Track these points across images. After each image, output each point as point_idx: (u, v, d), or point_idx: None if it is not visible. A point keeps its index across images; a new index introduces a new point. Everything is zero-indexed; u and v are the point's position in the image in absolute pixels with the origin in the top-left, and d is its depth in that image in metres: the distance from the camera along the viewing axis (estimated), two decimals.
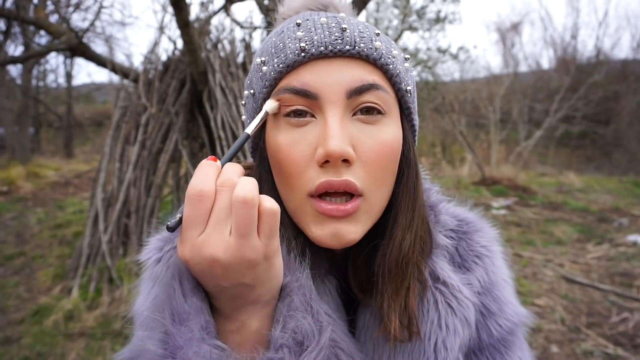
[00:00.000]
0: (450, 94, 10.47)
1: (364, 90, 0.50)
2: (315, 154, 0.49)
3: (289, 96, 0.50)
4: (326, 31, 0.50)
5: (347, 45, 0.50)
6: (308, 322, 0.44)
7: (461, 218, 0.66)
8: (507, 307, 0.63)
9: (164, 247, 0.59)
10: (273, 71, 0.52)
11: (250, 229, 0.40)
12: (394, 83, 0.54)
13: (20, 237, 4.99)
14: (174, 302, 0.44)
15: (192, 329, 0.42)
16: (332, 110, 0.49)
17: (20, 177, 7.77)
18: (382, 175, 0.51)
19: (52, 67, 18.91)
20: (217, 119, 3.70)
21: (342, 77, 0.49)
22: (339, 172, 0.48)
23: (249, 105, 0.58)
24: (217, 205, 0.41)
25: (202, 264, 0.41)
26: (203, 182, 0.41)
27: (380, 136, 0.51)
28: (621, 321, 3.17)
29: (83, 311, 3.12)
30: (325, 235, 0.50)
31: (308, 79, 0.50)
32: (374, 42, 0.51)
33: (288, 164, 0.50)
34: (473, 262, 0.63)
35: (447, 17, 7.83)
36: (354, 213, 0.50)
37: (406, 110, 0.57)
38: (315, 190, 0.49)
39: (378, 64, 0.51)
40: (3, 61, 4.38)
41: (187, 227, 0.41)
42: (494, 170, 9.07)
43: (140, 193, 3.79)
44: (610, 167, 12.41)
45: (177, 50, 4.28)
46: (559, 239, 5.20)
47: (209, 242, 0.40)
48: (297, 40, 0.50)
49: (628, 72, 13.85)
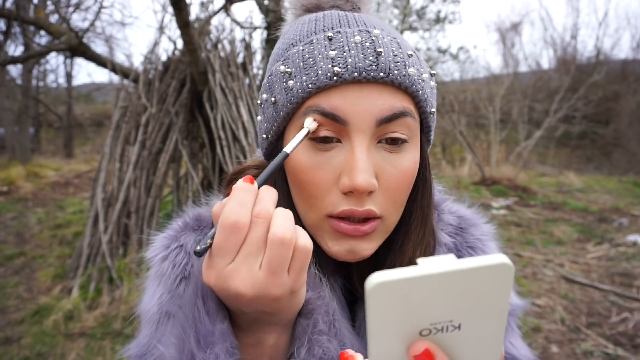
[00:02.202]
0: (450, 94, 10.47)
1: (393, 119, 0.49)
2: (340, 181, 0.49)
3: (317, 117, 0.49)
4: (360, 54, 0.48)
5: (381, 72, 0.48)
6: (334, 347, 0.45)
7: (460, 215, 0.68)
8: None
9: (170, 245, 0.59)
10: (301, 90, 0.50)
11: (283, 267, 0.40)
12: (421, 107, 0.53)
13: (20, 237, 4.99)
14: (199, 325, 0.43)
15: (219, 354, 0.42)
16: (360, 139, 0.48)
17: (20, 177, 7.77)
18: (400, 199, 0.52)
19: (52, 67, 18.87)
20: (217, 119, 3.70)
21: (373, 105, 0.48)
22: (362, 202, 0.49)
23: (269, 111, 0.56)
24: (251, 238, 0.40)
25: (226, 293, 0.41)
26: (239, 211, 0.40)
27: (402, 164, 0.51)
28: (621, 321, 3.17)
29: (83, 311, 3.12)
30: (341, 250, 0.51)
31: (338, 103, 0.48)
32: (408, 68, 0.50)
33: (311, 185, 0.50)
34: (467, 252, 0.64)
35: (447, 17, 7.84)
36: (371, 233, 0.51)
37: (426, 128, 0.57)
38: (336, 215, 0.50)
39: (409, 90, 0.51)
40: (3, 61, 4.38)
41: (216, 255, 0.40)
42: (494, 170, 9.07)
43: (140, 193, 3.79)
44: (610, 167, 12.41)
45: (177, 50, 4.28)
46: (559, 239, 5.20)
47: (237, 275, 0.39)
48: (329, 60, 0.48)
49: (628, 72, 13.85)
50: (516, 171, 8.91)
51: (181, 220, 0.63)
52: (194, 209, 0.64)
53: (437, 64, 9.18)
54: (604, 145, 13.84)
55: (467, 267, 0.31)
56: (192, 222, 0.61)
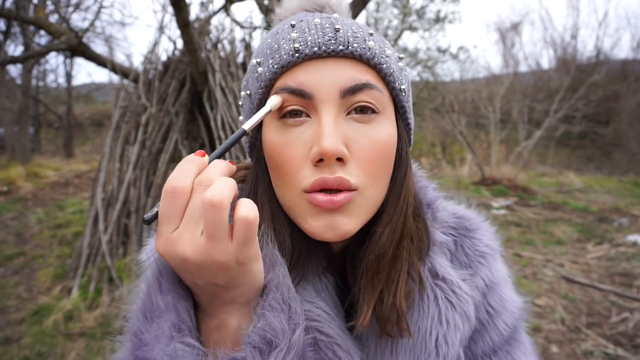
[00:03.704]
0: (450, 94, 10.46)
1: (357, 90, 0.50)
2: (310, 153, 0.49)
3: (285, 96, 0.51)
4: (320, 32, 0.51)
5: (340, 45, 0.50)
6: (279, 321, 0.43)
7: (460, 215, 0.67)
8: (509, 304, 0.66)
9: None
10: (268, 72, 0.52)
11: (220, 232, 0.40)
12: (388, 82, 0.54)
13: (20, 237, 4.99)
14: (147, 299, 0.44)
15: (162, 326, 0.42)
16: (327, 110, 0.50)
17: (20, 177, 7.77)
18: (376, 172, 0.52)
19: (52, 67, 18.89)
20: (217, 119, 3.70)
21: (336, 77, 0.50)
22: (332, 170, 0.49)
23: (246, 106, 0.59)
24: (191, 204, 0.41)
25: (174, 260, 0.42)
26: (178, 178, 0.41)
27: (374, 135, 0.51)
28: (621, 321, 3.17)
29: (83, 311, 3.12)
30: (320, 226, 0.50)
31: (303, 79, 0.50)
32: (367, 42, 0.52)
33: (284, 163, 0.51)
34: (479, 262, 0.64)
35: (447, 17, 7.83)
36: (346, 204, 0.50)
37: (401, 109, 0.57)
38: (310, 187, 0.49)
39: (371, 63, 0.52)
40: (3, 61, 4.38)
41: (161, 222, 0.41)
42: (494, 170, 9.07)
43: (140, 193, 3.79)
44: (610, 167, 12.42)
45: (177, 50, 4.28)
46: (559, 239, 5.20)
47: (180, 240, 0.41)
48: (291, 41, 0.51)
49: (628, 72, 13.85)
50: (516, 171, 8.91)
51: None
52: None
53: (437, 64, 9.17)
54: (604, 145, 13.84)
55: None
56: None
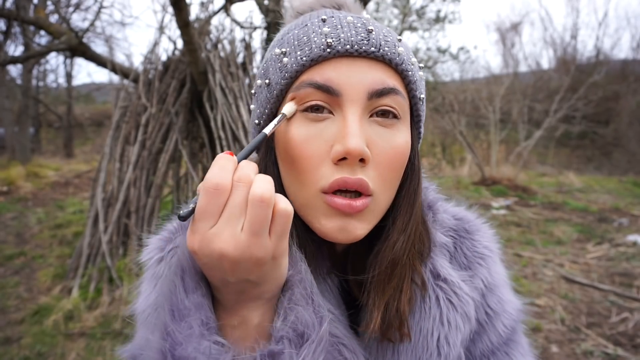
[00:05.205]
0: (450, 94, 10.47)
1: (385, 94, 0.50)
2: (332, 150, 0.49)
3: (310, 90, 0.50)
4: (352, 30, 0.50)
5: (372, 46, 0.50)
6: (309, 314, 0.44)
7: (459, 217, 0.67)
8: (508, 306, 0.65)
9: (165, 246, 0.59)
10: (295, 63, 0.51)
11: (263, 227, 0.40)
12: (410, 90, 0.54)
13: (20, 237, 4.99)
14: (174, 297, 0.43)
15: (192, 325, 0.42)
16: (352, 109, 0.49)
17: (20, 177, 7.77)
18: (390, 178, 0.52)
19: (52, 67, 18.90)
20: (217, 119, 3.70)
21: (365, 78, 0.50)
22: (354, 170, 0.49)
23: (262, 95, 0.57)
24: (232, 201, 0.41)
25: (210, 257, 0.41)
26: (220, 175, 0.41)
27: (394, 140, 0.51)
28: (621, 321, 3.17)
29: (83, 311, 3.12)
30: (333, 227, 0.50)
31: (331, 75, 0.50)
32: (397, 47, 0.52)
33: (302, 159, 0.50)
34: (478, 264, 0.64)
35: (447, 17, 7.84)
36: (363, 210, 0.50)
37: (416, 117, 0.58)
38: (329, 187, 0.49)
39: (399, 69, 0.52)
40: (3, 61, 4.38)
41: (199, 219, 0.41)
42: (493, 170, 9.08)
43: (140, 193, 3.79)
44: (610, 167, 12.42)
45: (177, 50, 4.28)
46: (559, 239, 5.20)
47: (220, 236, 0.40)
48: (323, 35, 0.50)
49: (628, 72, 13.86)
50: (516, 171, 8.91)
51: (176, 222, 0.62)
52: None
53: (437, 64, 9.17)
54: (604, 145, 13.84)
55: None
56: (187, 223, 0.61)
